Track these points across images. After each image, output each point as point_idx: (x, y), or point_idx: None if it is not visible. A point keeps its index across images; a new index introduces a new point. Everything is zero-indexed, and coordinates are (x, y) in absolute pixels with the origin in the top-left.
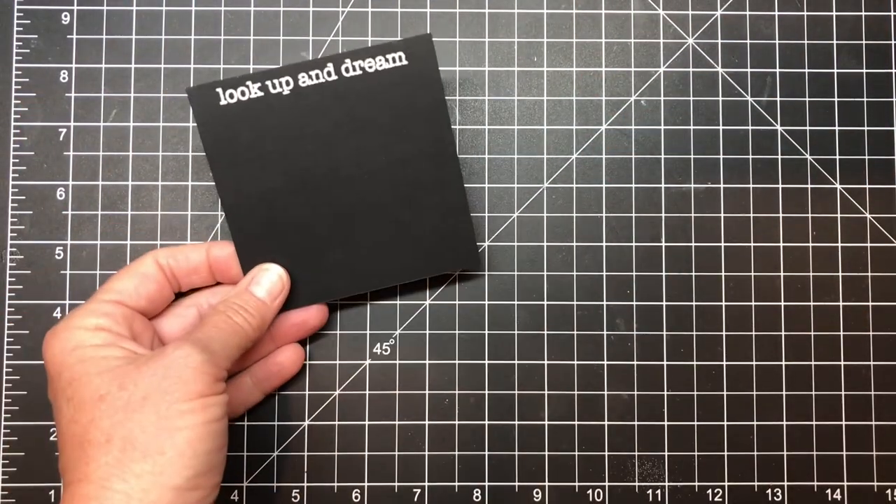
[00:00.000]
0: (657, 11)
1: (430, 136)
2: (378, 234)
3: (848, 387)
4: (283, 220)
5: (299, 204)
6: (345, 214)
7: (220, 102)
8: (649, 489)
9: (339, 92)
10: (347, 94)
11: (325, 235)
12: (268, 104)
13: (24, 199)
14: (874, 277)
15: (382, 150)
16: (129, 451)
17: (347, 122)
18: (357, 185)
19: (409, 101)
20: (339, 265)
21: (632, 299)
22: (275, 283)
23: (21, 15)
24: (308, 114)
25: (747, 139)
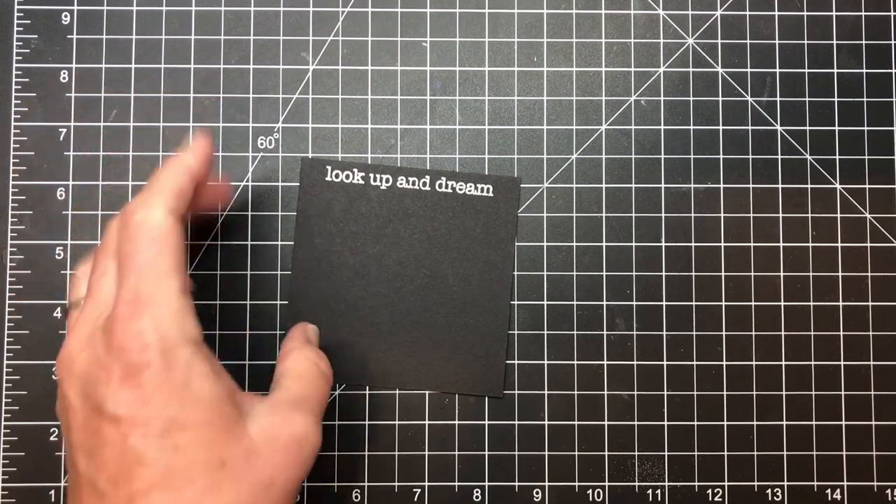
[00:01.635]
0: (657, 11)
1: (493, 266)
2: (421, 337)
3: (848, 387)
4: (341, 295)
5: (360, 287)
6: (398, 310)
7: (326, 178)
8: (649, 489)
9: (428, 202)
10: (435, 205)
11: (373, 323)
12: (364, 192)
13: (24, 199)
14: (874, 277)
15: (449, 263)
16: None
17: (428, 229)
18: (417, 288)
19: (485, 229)
20: (377, 355)
21: (632, 299)
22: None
23: (21, 15)
24: (396, 211)
25: (747, 139)
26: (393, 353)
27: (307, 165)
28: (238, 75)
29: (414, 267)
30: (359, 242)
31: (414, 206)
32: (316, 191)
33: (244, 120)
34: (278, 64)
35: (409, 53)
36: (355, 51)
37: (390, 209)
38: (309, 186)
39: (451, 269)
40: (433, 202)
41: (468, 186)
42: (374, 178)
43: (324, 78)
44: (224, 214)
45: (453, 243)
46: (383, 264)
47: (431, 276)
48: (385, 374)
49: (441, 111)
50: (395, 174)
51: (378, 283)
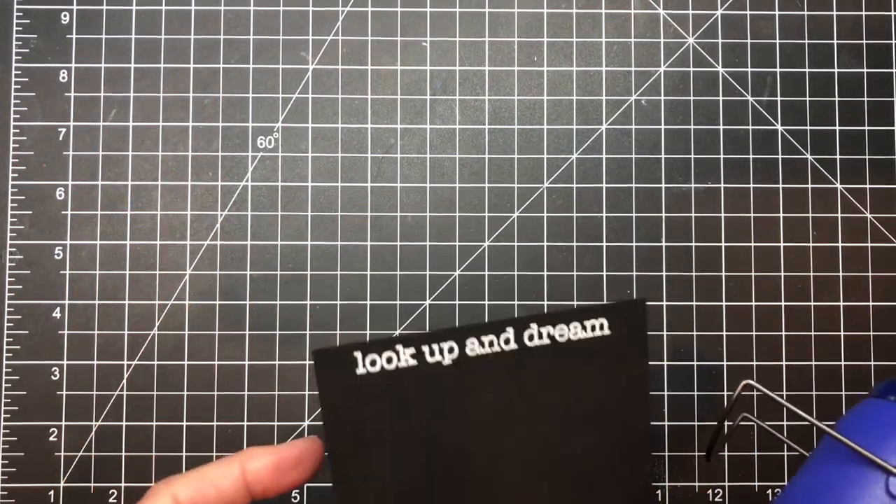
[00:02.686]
0: (657, 11)
1: (621, 423)
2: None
3: (848, 387)
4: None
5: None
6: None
7: (358, 371)
8: None
9: (518, 364)
10: (528, 368)
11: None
12: (421, 376)
13: (24, 199)
14: (874, 277)
15: (561, 440)
16: None
17: (522, 400)
18: (520, 483)
19: (604, 380)
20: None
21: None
22: None
23: (21, 15)
24: (472, 388)
25: (747, 139)
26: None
27: (325, 360)
28: (238, 75)
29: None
30: (425, 446)
31: (496, 375)
32: (346, 394)
33: (244, 120)
34: (278, 63)
35: (409, 53)
36: (355, 50)
37: (463, 390)
38: (334, 390)
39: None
40: (524, 363)
41: (573, 329)
42: (432, 352)
43: (324, 77)
44: (224, 214)
45: (561, 413)
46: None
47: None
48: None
49: (441, 111)
50: (463, 338)
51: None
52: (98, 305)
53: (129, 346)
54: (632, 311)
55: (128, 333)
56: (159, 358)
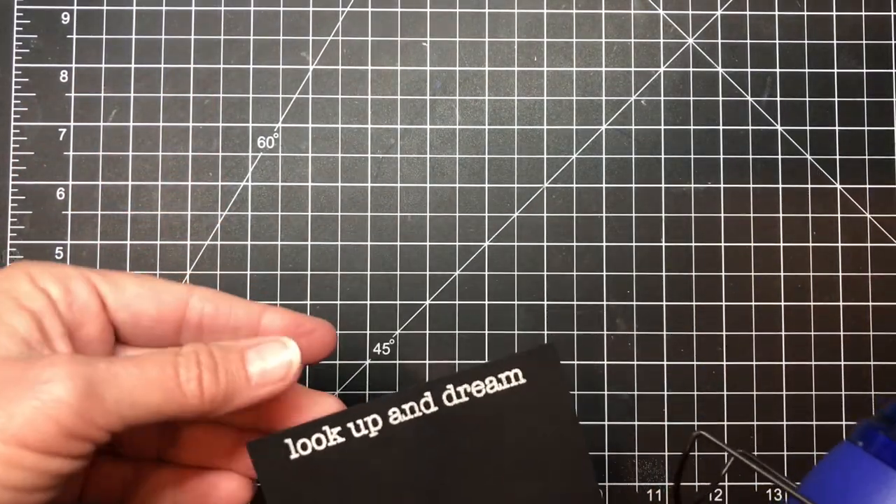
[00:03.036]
0: (657, 11)
1: (561, 473)
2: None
3: (848, 387)
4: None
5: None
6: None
7: (291, 456)
8: (649, 489)
9: (442, 425)
10: (451, 426)
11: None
12: (351, 451)
13: (24, 199)
14: (874, 277)
15: (503, 496)
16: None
17: (453, 462)
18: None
19: (532, 430)
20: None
21: (632, 299)
22: (280, 364)
23: (21, 15)
24: (403, 457)
25: (747, 139)
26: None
27: (257, 451)
28: (238, 75)
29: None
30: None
31: (423, 439)
32: (284, 479)
33: (244, 120)
34: (278, 64)
35: (409, 53)
36: (355, 51)
37: (394, 458)
38: (272, 477)
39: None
40: (448, 423)
41: (488, 384)
42: (358, 427)
43: (324, 78)
44: (224, 214)
45: (495, 468)
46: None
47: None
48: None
49: (441, 111)
50: (384, 409)
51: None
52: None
53: None
54: (544, 357)
55: None
56: None
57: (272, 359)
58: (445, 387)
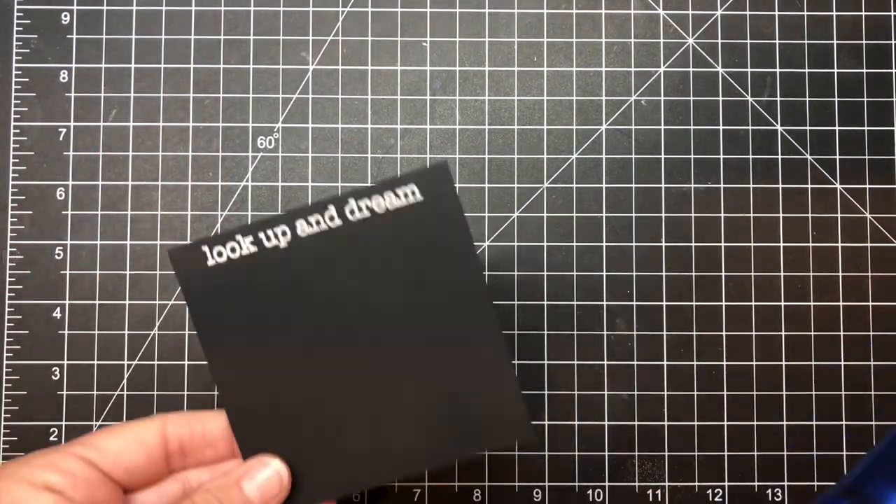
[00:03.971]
0: (657, 11)
1: (457, 283)
2: (404, 408)
3: (848, 387)
4: (288, 397)
5: (306, 377)
6: (363, 386)
7: (209, 263)
8: (649, 489)
9: (346, 239)
10: (356, 239)
11: (339, 414)
12: (263, 260)
13: (24, 199)
14: (874, 277)
15: (402, 305)
16: None
17: (358, 274)
18: (376, 349)
19: (429, 244)
20: (357, 450)
21: (632, 299)
22: (272, 482)
23: (21, 15)
24: (311, 268)
25: (747, 139)
26: (377, 441)
27: (178, 257)
28: (238, 75)
29: (361, 327)
30: (282, 326)
31: (329, 251)
32: (203, 285)
33: (244, 120)
34: (278, 64)
35: (409, 53)
36: (355, 51)
37: (302, 268)
38: (192, 283)
39: (405, 312)
40: (351, 236)
41: (387, 199)
42: (269, 238)
43: (324, 78)
44: (224, 215)
45: (396, 279)
46: (323, 339)
47: (385, 329)
48: (375, 469)
49: (441, 111)
50: (291, 220)
51: (326, 364)
52: (98, 305)
53: (129, 346)
54: (436, 174)
55: (128, 333)
56: (159, 358)
57: (263, 479)
58: (347, 201)
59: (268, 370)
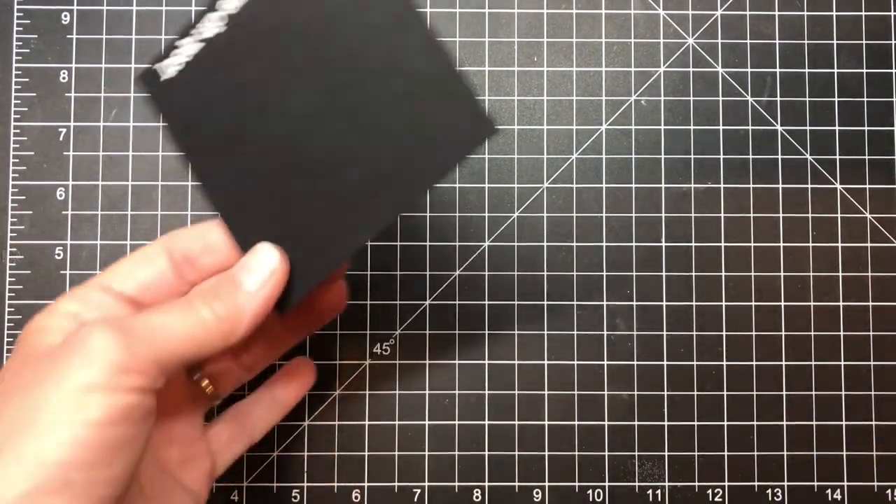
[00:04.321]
0: (657, 11)
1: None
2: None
3: (848, 387)
4: (268, 183)
5: (284, 154)
6: (338, 147)
7: (164, 77)
8: (649, 489)
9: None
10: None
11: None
12: (212, 54)
13: (24, 199)
14: (874, 277)
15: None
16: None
17: (298, 38)
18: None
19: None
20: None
21: (632, 299)
22: (268, 263)
23: (21, 15)
24: (253, 41)
25: (747, 139)
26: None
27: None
28: None
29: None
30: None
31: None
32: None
33: None
34: None
35: None
36: None
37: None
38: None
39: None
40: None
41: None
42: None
43: None
44: None
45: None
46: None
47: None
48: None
49: None
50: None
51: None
52: None
53: None
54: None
55: None
56: None
57: (256, 264)
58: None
59: (246, 162)
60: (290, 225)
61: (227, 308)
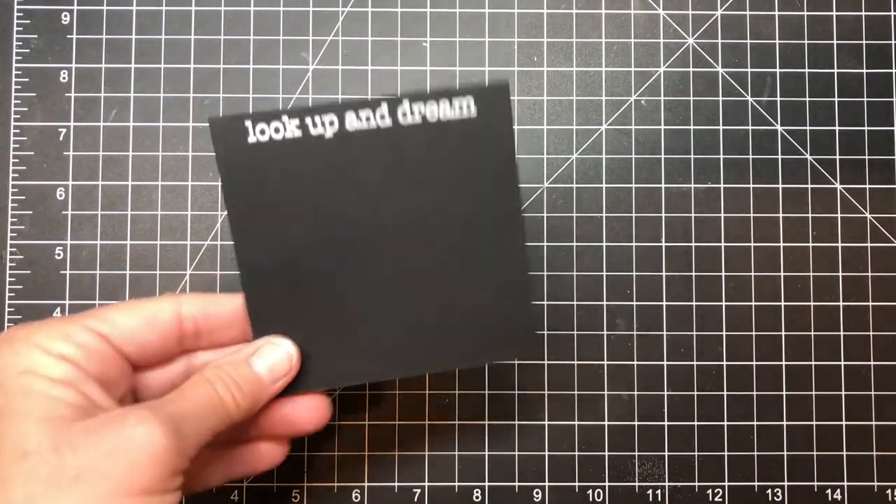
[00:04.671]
0: (657, 11)
1: (495, 200)
2: (421, 309)
3: (848, 387)
4: (309, 283)
5: (330, 266)
6: (384, 283)
7: (249, 139)
8: (649, 489)
9: (393, 140)
10: (402, 143)
11: (356, 306)
12: (306, 146)
13: (24, 199)
14: (874, 277)
15: (437, 211)
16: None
17: (399, 175)
18: (402, 250)
19: (475, 158)
20: (368, 344)
21: (632, 299)
22: (281, 361)
23: (21, 15)
24: (353, 162)
25: (747, 139)
26: (388, 337)
27: (219, 127)
28: (238, 75)
29: (393, 226)
30: (314, 213)
31: (374, 149)
32: (240, 161)
33: None
34: (278, 64)
35: (409, 53)
36: (355, 51)
37: (344, 161)
38: (229, 157)
39: (439, 218)
40: (399, 139)
41: (441, 107)
42: (315, 124)
43: (324, 78)
44: (224, 214)
45: (436, 185)
46: (353, 233)
47: (416, 231)
48: (383, 364)
49: None
50: (342, 112)
51: (351, 257)
52: (98, 306)
53: None
54: (496, 94)
55: None
56: None
57: (273, 357)
58: (402, 102)
59: (291, 256)
60: (314, 331)
61: (250, 404)
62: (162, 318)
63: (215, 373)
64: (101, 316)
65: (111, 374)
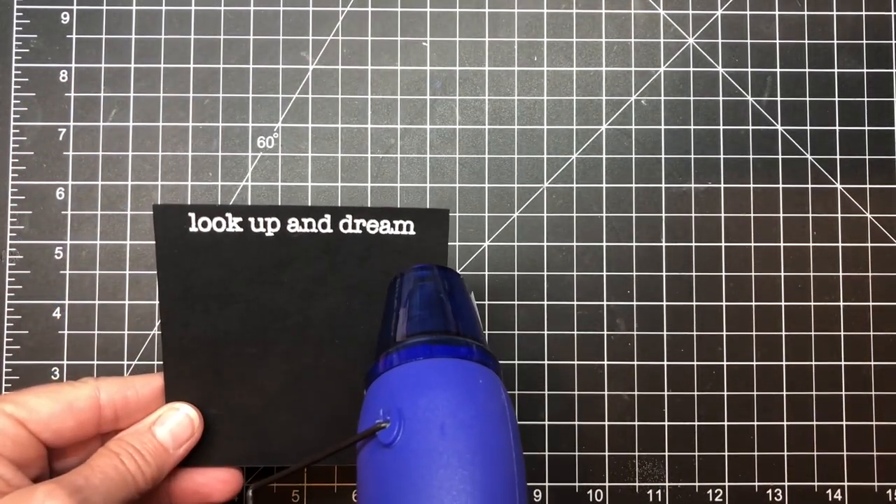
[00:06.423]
0: (657, 11)
1: None
2: (325, 407)
3: (848, 387)
4: (228, 366)
5: (251, 354)
6: (299, 375)
7: (190, 229)
8: (649, 489)
9: (331, 246)
10: (339, 250)
11: (269, 394)
12: (244, 242)
13: (24, 199)
14: (874, 277)
15: (363, 316)
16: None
17: (332, 278)
18: (324, 348)
19: None
20: (277, 429)
21: (632, 299)
22: (183, 425)
23: (21, 14)
24: (289, 262)
25: (747, 139)
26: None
27: (161, 214)
28: (238, 75)
29: (319, 326)
30: (243, 305)
31: (311, 252)
32: (177, 247)
33: (244, 120)
34: (278, 64)
35: (409, 53)
36: (355, 50)
37: (280, 260)
38: (167, 242)
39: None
40: (337, 246)
41: (382, 224)
42: (257, 224)
43: (324, 78)
44: None
45: (365, 293)
46: (279, 328)
47: (341, 333)
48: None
49: (441, 111)
50: (285, 216)
51: (274, 351)
52: (98, 305)
53: (129, 346)
54: (436, 219)
55: (128, 333)
56: (159, 358)
57: (174, 423)
58: (345, 215)
59: (216, 339)
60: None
61: (155, 472)
62: (80, 405)
63: (119, 444)
64: (17, 401)
65: (28, 456)
